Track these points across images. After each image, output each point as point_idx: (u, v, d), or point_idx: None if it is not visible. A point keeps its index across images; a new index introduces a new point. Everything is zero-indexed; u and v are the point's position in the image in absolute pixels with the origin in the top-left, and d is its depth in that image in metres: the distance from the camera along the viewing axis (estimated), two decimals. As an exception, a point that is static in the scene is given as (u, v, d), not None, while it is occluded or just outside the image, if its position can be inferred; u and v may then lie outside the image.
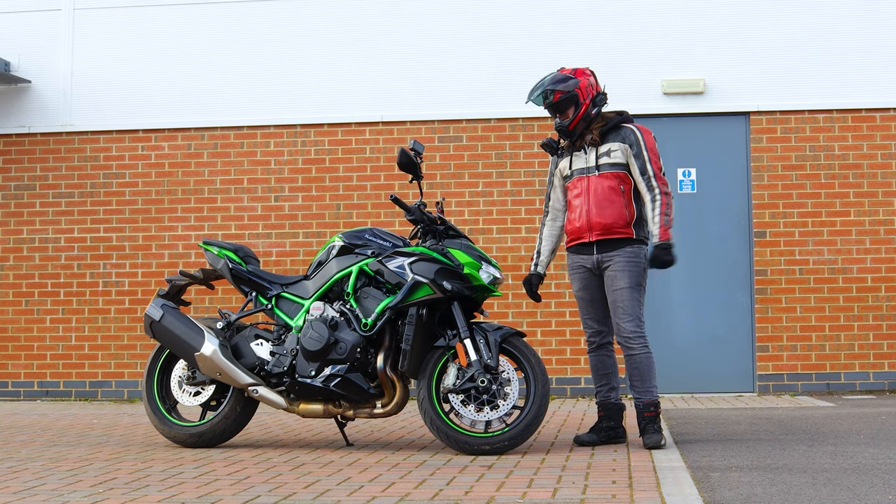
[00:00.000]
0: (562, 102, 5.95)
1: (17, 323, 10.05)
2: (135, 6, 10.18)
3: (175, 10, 10.14)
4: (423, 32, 9.88)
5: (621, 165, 5.93)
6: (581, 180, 6.00)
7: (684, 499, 4.14)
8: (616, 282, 5.89)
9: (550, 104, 5.98)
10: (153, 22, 10.16)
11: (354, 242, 6.09)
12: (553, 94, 5.95)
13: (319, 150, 9.86)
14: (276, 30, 10.03)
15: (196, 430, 6.13)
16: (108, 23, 10.20)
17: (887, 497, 4.14)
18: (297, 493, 4.45)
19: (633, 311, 5.88)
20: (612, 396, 6.09)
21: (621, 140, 5.96)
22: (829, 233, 9.37)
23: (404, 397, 5.86)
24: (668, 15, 9.66)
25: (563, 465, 5.17)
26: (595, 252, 5.96)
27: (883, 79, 9.45)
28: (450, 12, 9.87)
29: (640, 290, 5.92)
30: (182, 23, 10.13)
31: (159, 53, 10.12)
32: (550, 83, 5.98)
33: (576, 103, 5.94)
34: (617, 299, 5.90)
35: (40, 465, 5.44)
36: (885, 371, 9.25)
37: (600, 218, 5.89)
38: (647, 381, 5.88)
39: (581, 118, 5.95)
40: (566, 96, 5.94)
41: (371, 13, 9.95)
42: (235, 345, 6.16)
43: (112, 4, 10.20)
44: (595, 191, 5.93)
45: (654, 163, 5.92)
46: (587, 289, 6.07)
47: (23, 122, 10.18)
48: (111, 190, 10.04)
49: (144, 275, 9.95)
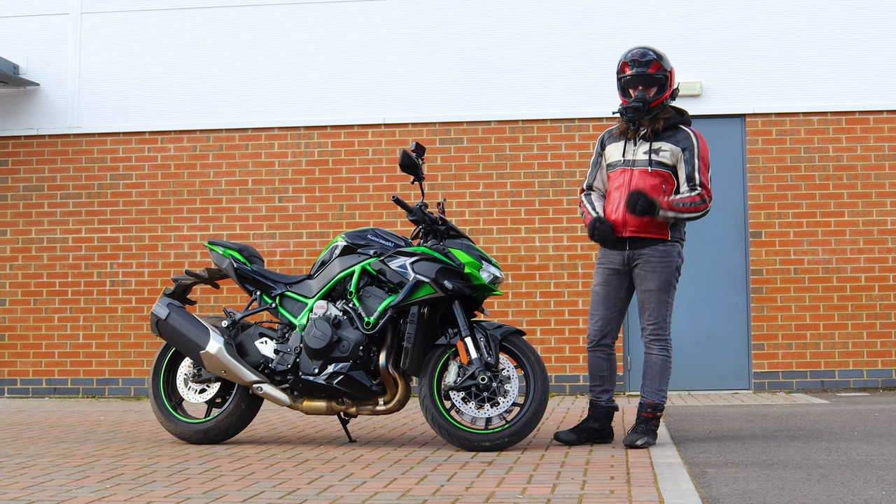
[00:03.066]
0: (654, 77, 5.72)
1: (25, 321, 10.08)
2: (141, 10, 10.20)
3: (180, 14, 10.16)
4: (425, 36, 9.90)
5: (668, 166, 5.74)
6: (624, 172, 5.79)
7: (681, 494, 4.15)
8: (645, 282, 5.77)
9: (642, 74, 5.71)
10: (159, 26, 10.19)
11: (357, 242, 6.10)
12: (651, 65, 5.70)
13: (323, 152, 9.89)
14: (280, 34, 10.05)
15: (201, 427, 6.13)
16: (115, 27, 10.22)
17: (881, 492, 4.15)
18: (301, 488, 4.45)
19: (657, 314, 5.77)
20: (602, 399, 5.96)
21: (675, 142, 5.75)
22: (824, 233, 9.39)
23: (406, 395, 5.85)
24: (665, 20, 9.67)
25: (563, 461, 5.18)
26: (627, 248, 5.79)
27: (876, 82, 9.46)
28: (450, 16, 9.89)
29: (668, 292, 5.75)
30: (187, 26, 10.16)
31: (165, 57, 10.15)
32: (654, 53, 5.74)
33: (661, 85, 5.73)
34: (644, 300, 5.80)
35: (48, 462, 5.45)
36: (879, 368, 9.28)
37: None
38: (656, 382, 5.78)
39: (661, 102, 5.74)
40: (659, 73, 5.73)
41: (374, 17, 9.97)
42: (240, 343, 6.16)
43: (119, 9, 10.23)
44: (637, 187, 5.70)
45: (703, 173, 5.72)
46: (606, 285, 5.88)
47: (31, 124, 10.22)
48: (118, 191, 10.07)
49: (151, 274, 9.98)
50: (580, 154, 9.54)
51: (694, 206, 5.69)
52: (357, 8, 10.02)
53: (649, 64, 5.72)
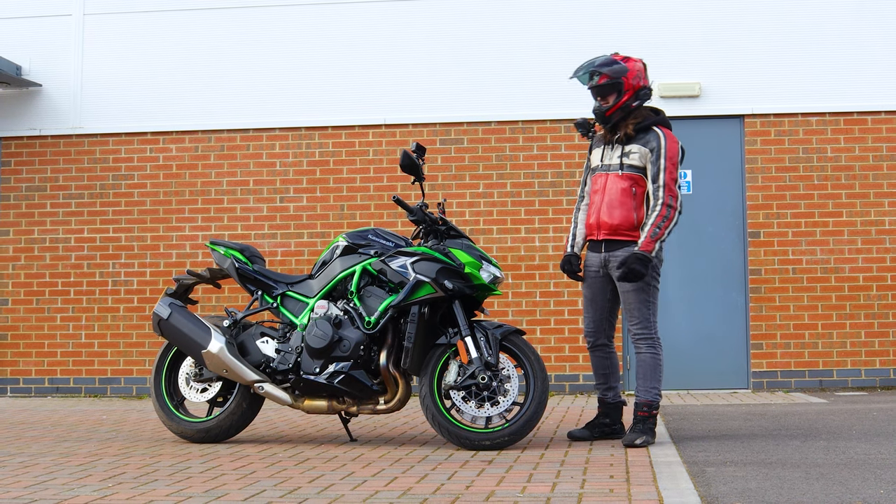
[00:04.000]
0: (605, 86, 5.82)
1: (28, 321, 10.10)
2: (143, 12, 10.21)
3: (182, 16, 10.18)
4: (426, 37, 9.92)
5: (639, 168, 5.85)
6: (601, 177, 5.95)
7: (680, 493, 4.16)
8: (623, 284, 5.85)
9: (595, 86, 5.85)
10: (161, 27, 10.20)
11: (358, 242, 6.12)
12: (599, 77, 5.82)
13: (324, 153, 9.91)
14: (281, 35, 10.08)
15: (203, 426, 6.15)
16: (117, 28, 10.24)
17: (879, 491, 4.16)
18: (302, 487, 4.47)
19: (639, 313, 5.84)
20: (609, 395, 6.07)
21: (644, 143, 5.84)
22: (822, 233, 9.41)
23: (406, 394, 5.87)
24: (664, 21, 9.70)
25: (562, 460, 5.19)
26: (602, 251, 5.94)
27: (874, 82, 9.48)
28: (451, 18, 9.91)
29: (648, 292, 5.82)
30: (189, 28, 10.18)
31: (167, 58, 10.17)
32: (598, 65, 5.85)
33: (619, 91, 5.82)
34: (625, 301, 5.88)
35: (51, 460, 5.47)
36: (877, 368, 9.30)
37: (608, 218, 5.86)
38: (648, 381, 5.83)
39: (620, 107, 5.83)
40: (611, 81, 5.81)
41: (375, 19, 9.99)
42: (241, 342, 6.17)
43: (121, 10, 10.25)
44: (609, 190, 5.86)
45: (669, 172, 5.77)
46: (590, 288, 6.04)
47: (34, 124, 10.24)
48: (120, 191, 10.09)
49: (152, 274, 10.00)
50: (579, 154, 9.57)
51: (666, 221, 5.77)
52: (358, 10, 10.04)
53: (599, 76, 5.86)
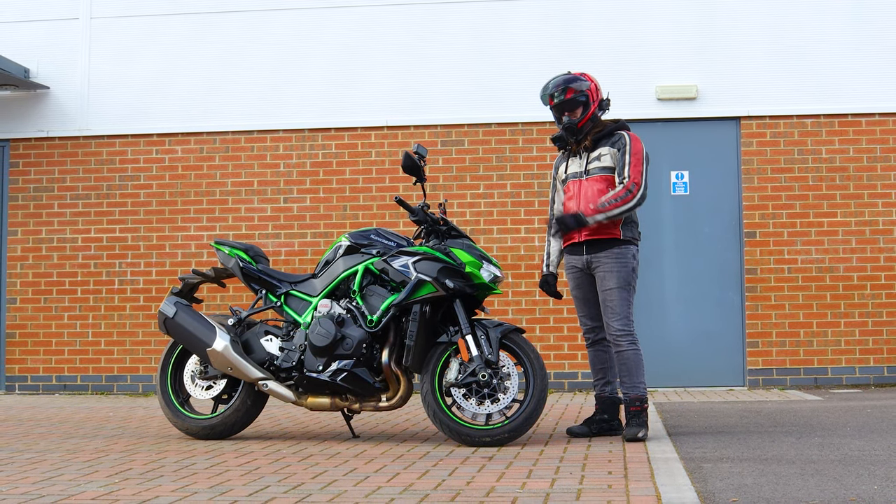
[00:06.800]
0: (573, 101, 6.04)
1: (35, 320, 10.15)
2: (149, 15, 10.26)
3: (187, 19, 10.22)
4: (427, 40, 9.97)
5: (610, 169, 6.01)
6: (574, 183, 6.09)
7: (677, 489, 4.16)
8: (605, 282, 5.96)
9: (561, 102, 6.05)
10: (167, 30, 10.25)
11: (360, 242, 6.14)
12: (566, 92, 6.03)
13: (327, 154, 9.96)
14: (284, 39, 10.12)
15: (208, 423, 6.18)
16: (124, 31, 10.29)
17: (873, 487, 4.16)
18: (306, 483, 4.46)
19: (621, 311, 5.94)
20: (607, 390, 6.16)
21: (612, 144, 6.03)
22: (817, 233, 9.46)
23: (408, 391, 5.91)
24: (661, 24, 9.75)
25: (561, 456, 5.20)
26: (585, 252, 6.04)
27: (869, 85, 9.53)
28: (452, 21, 9.96)
29: (628, 290, 5.97)
30: (194, 31, 10.22)
31: (173, 60, 10.21)
32: (564, 82, 6.07)
33: (585, 104, 6.06)
34: (606, 299, 5.98)
35: (58, 457, 5.47)
36: (871, 366, 9.35)
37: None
38: (633, 377, 5.93)
39: (589, 118, 6.06)
40: (578, 95, 6.04)
41: (377, 22, 10.04)
42: (246, 341, 6.20)
43: (127, 13, 10.29)
44: (585, 193, 6.00)
45: (634, 166, 5.95)
46: (580, 287, 6.16)
47: (41, 126, 10.28)
48: (126, 192, 10.14)
49: (158, 273, 10.06)
50: (579, 155, 9.64)
51: (621, 200, 5.90)
52: (360, 13, 10.08)
53: (565, 91, 6.06)
